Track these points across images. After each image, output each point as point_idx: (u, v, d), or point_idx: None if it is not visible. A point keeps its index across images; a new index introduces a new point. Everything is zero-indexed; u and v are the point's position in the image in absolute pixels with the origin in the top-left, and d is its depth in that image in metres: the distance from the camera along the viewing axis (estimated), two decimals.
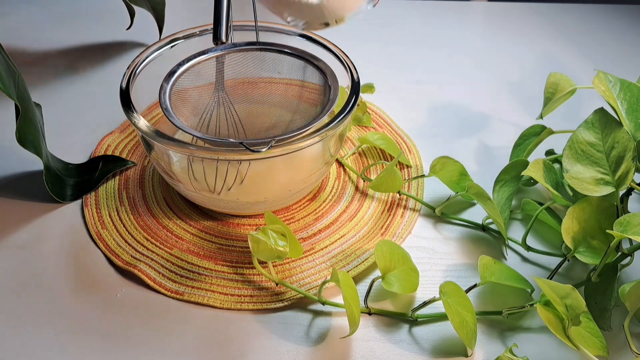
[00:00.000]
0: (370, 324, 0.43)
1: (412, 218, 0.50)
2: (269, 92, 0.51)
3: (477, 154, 0.58)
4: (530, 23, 0.80)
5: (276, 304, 0.43)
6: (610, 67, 0.69)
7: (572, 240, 0.42)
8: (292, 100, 0.51)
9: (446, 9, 0.83)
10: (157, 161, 0.46)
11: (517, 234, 0.49)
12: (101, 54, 0.70)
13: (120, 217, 0.49)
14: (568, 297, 0.37)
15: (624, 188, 0.42)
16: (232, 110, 0.50)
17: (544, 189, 0.53)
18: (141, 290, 0.44)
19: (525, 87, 0.67)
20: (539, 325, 0.42)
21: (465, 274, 0.46)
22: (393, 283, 0.42)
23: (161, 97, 0.47)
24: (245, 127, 0.50)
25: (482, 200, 0.47)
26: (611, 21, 0.80)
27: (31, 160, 0.51)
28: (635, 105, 0.45)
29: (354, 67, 0.49)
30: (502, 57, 0.73)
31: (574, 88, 0.54)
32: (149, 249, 0.47)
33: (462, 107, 0.64)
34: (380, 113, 0.62)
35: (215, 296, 0.44)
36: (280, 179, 0.46)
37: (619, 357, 0.40)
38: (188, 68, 0.50)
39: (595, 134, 0.44)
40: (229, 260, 0.46)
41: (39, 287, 0.44)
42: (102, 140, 0.57)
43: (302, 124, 0.46)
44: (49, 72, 0.67)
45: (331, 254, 0.47)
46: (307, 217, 0.50)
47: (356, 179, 0.54)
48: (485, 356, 0.41)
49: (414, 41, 0.75)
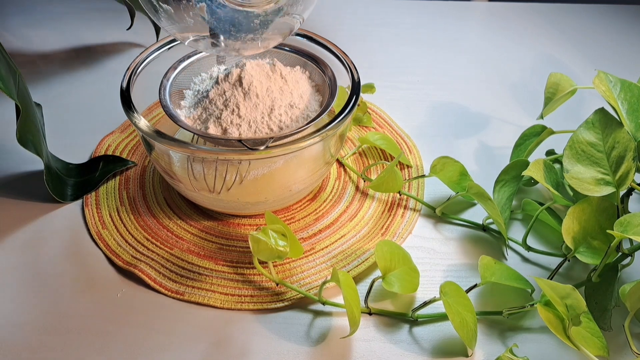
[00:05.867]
0: (370, 324, 0.43)
1: (412, 218, 0.50)
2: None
3: (478, 154, 0.58)
4: (531, 23, 0.80)
5: (276, 304, 0.43)
6: (611, 67, 0.69)
7: (572, 240, 0.42)
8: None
9: (446, 9, 0.83)
10: (158, 161, 0.46)
11: (518, 234, 0.49)
12: (101, 54, 0.70)
13: (121, 217, 0.49)
14: (568, 297, 0.37)
15: (624, 188, 0.42)
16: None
17: (544, 189, 0.53)
18: (141, 290, 0.44)
19: (525, 87, 0.67)
20: (539, 326, 0.42)
21: (465, 274, 0.46)
22: (393, 283, 0.42)
23: (161, 93, 0.47)
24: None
25: (483, 200, 0.47)
26: (611, 21, 0.80)
27: (32, 160, 0.51)
28: (635, 105, 0.45)
29: (354, 67, 0.49)
30: (502, 57, 0.73)
31: (575, 88, 0.54)
32: (149, 249, 0.47)
33: (462, 107, 0.64)
34: (380, 113, 0.62)
35: (216, 296, 0.44)
36: (280, 179, 0.46)
37: (619, 357, 0.40)
38: (188, 65, 0.50)
39: (595, 134, 0.44)
40: (229, 260, 0.46)
41: (39, 287, 0.44)
42: (103, 140, 0.57)
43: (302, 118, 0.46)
44: (49, 72, 0.67)
45: (331, 254, 0.47)
46: (308, 217, 0.50)
47: (356, 179, 0.54)
48: (486, 356, 0.41)
49: (415, 41, 0.75)
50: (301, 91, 0.48)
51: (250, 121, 0.45)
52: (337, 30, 0.77)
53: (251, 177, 0.45)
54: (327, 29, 0.77)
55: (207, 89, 0.47)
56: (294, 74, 0.48)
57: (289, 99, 0.46)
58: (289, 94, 0.46)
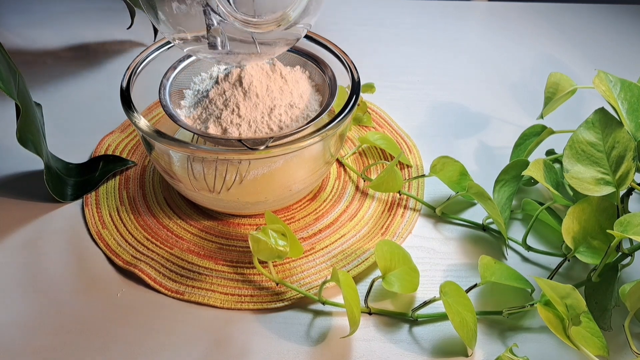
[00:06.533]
0: (370, 323, 0.43)
1: (412, 218, 0.50)
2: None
3: (478, 154, 0.58)
4: (531, 23, 0.80)
5: (276, 303, 0.43)
6: (611, 67, 0.69)
7: (572, 240, 0.42)
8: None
9: (446, 9, 0.83)
10: (158, 161, 0.46)
11: (518, 233, 0.49)
12: (101, 54, 0.70)
13: (121, 217, 0.49)
14: (568, 297, 0.37)
15: (624, 188, 0.42)
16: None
17: (544, 188, 0.53)
18: (141, 290, 0.44)
19: (525, 87, 0.67)
20: (539, 325, 0.42)
21: (465, 274, 0.46)
22: (393, 283, 0.42)
23: (161, 93, 0.47)
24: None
25: (483, 200, 0.47)
26: (611, 21, 0.80)
27: (32, 160, 0.51)
28: (635, 105, 0.45)
29: (354, 66, 0.49)
30: (502, 57, 0.73)
31: (575, 88, 0.54)
32: (149, 249, 0.47)
33: (462, 107, 0.64)
34: (380, 113, 0.62)
35: (216, 296, 0.44)
36: (280, 178, 0.46)
37: (619, 357, 0.40)
38: (188, 64, 0.50)
39: (595, 133, 0.44)
40: (229, 260, 0.46)
41: (39, 287, 0.44)
42: (103, 140, 0.57)
43: (302, 118, 0.46)
44: (49, 72, 0.67)
45: (331, 254, 0.47)
46: (308, 216, 0.50)
47: (356, 178, 0.54)
48: (486, 356, 0.41)
49: (415, 41, 0.75)
50: (301, 91, 0.48)
51: (250, 121, 0.45)
52: (337, 30, 0.77)
53: (251, 177, 0.45)
54: (327, 28, 0.77)
55: (207, 88, 0.47)
56: (294, 73, 0.48)
57: (289, 99, 0.46)
58: (289, 93, 0.46)
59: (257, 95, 0.45)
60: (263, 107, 0.45)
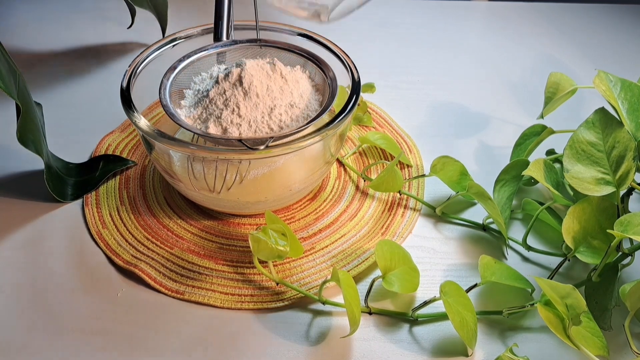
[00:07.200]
0: (370, 323, 0.43)
1: (412, 218, 0.50)
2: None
3: (478, 154, 0.58)
4: (531, 23, 0.80)
5: (276, 303, 0.43)
6: (611, 67, 0.69)
7: (572, 240, 0.42)
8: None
9: (446, 9, 0.83)
10: (158, 161, 0.46)
11: (518, 233, 0.49)
12: (102, 54, 0.70)
13: (121, 217, 0.49)
14: (568, 296, 0.37)
15: (624, 188, 0.42)
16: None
17: (544, 188, 0.53)
18: (142, 290, 0.44)
19: (525, 87, 0.67)
20: (539, 325, 0.42)
21: (465, 274, 0.46)
22: (393, 283, 0.42)
23: (161, 93, 0.47)
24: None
25: (483, 199, 0.47)
26: (611, 21, 0.80)
27: (32, 160, 0.51)
28: (636, 105, 0.45)
29: (354, 66, 0.49)
30: (502, 56, 0.73)
31: (575, 88, 0.54)
32: (149, 249, 0.47)
33: (462, 106, 0.64)
34: (380, 113, 0.62)
35: (216, 295, 0.44)
36: (280, 178, 0.46)
37: (619, 357, 0.40)
38: (188, 64, 0.50)
39: (596, 133, 0.44)
40: (229, 260, 0.46)
41: (39, 287, 0.44)
42: (103, 139, 0.57)
43: (302, 117, 0.46)
44: (49, 72, 0.67)
45: (331, 254, 0.47)
46: (308, 216, 0.50)
47: (357, 178, 0.54)
48: (486, 356, 0.41)
49: (415, 41, 0.75)
50: (301, 91, 0.48)
51: (250, 121, 0.45)
52: (337, 30, 0.77)
53: (251, 177, 0.45)
54: (327, 28, 0.77)
55: (207, 88, 0.47)
56: (294, 73, 0.48)
57: (289, 99, 0.46)
58: (289, 93, 0.46)
59: (257, 95, 0.45)
60: (263, 107, 0.45)
